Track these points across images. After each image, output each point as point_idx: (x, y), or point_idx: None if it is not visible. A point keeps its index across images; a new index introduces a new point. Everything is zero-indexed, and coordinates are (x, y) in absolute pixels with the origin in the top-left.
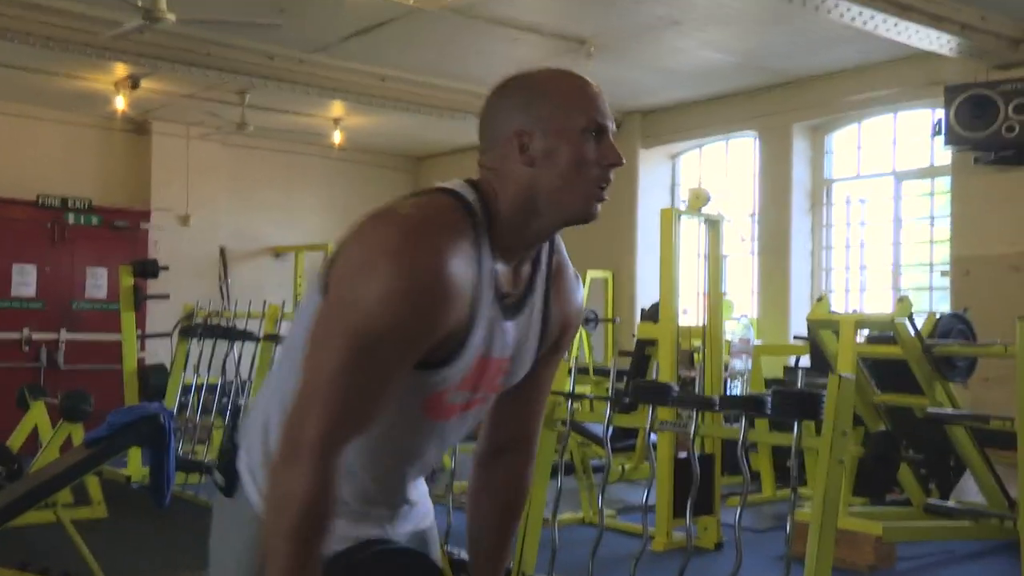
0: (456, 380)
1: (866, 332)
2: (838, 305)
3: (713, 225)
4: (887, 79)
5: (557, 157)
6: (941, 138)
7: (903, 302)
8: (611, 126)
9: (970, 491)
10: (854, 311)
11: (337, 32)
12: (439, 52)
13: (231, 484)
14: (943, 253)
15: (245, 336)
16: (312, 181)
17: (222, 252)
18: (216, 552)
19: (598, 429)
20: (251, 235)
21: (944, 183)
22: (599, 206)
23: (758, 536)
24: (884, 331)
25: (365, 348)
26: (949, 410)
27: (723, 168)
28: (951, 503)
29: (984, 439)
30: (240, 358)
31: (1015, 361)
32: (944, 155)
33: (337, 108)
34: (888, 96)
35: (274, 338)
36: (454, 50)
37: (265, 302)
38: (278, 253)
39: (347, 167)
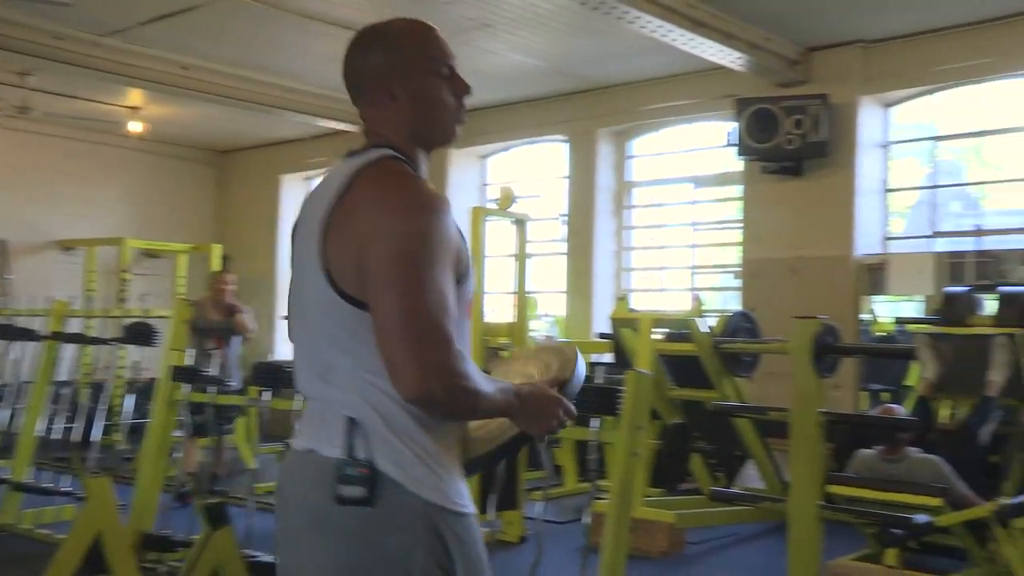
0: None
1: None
2: (640, 304)
3: (520, 225)
4: (686, 90)
5: (423, 96)
6: (734, 148)
7: (696, 302)
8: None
9: (753, 478)
10: (653, 310)
11: (134, 16)
12: (246, 44)
13: (372, 492)
14: (736, 256)
15: (26, 335)
16: (109, 172)
17: (2, 245)
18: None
19: None
20: (36, 227)
21: (738, 190)
22: (459, 128)
23: (561, 528)
24: (681, 329)
25: (441, 263)
26: (733, 403)
27: (534, 170)
28: (735, 489)
29: (766, 429)
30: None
31: (791, 357)
32: (738, 163)
33: (135, 96)
34: (687, 106)
35: (60, 336)
36: (261, 42)
37: (50, 298)
38: (67, 247)
39: (148, 158)
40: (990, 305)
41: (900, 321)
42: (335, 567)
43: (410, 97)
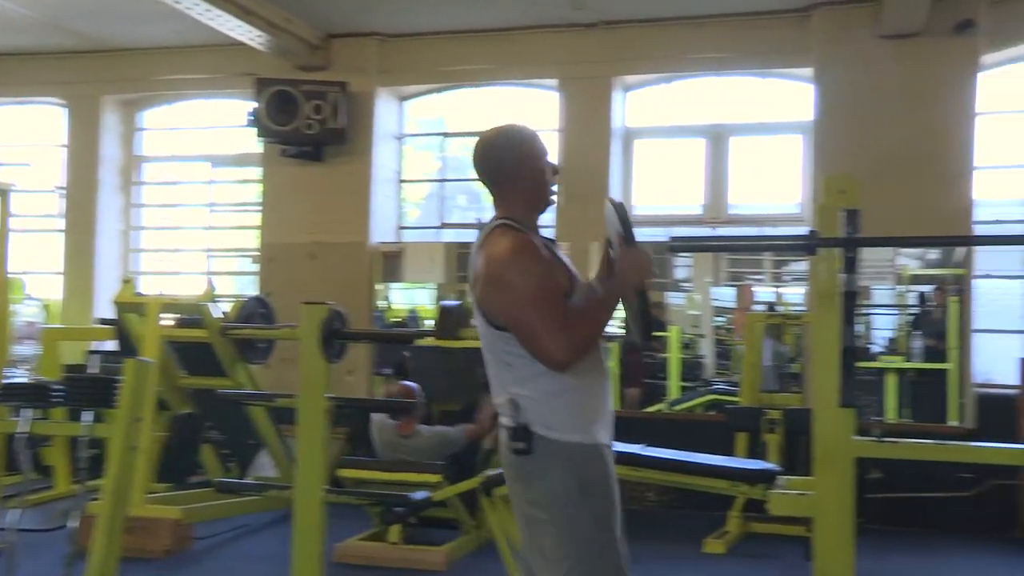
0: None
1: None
2: (151, 288)
3: (1, 195)
4: (204, 63)
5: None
6: (254, 128)
7: (208, 287)
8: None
9: (268, 466)
10: (162, 294)
11: None
12: None
13: (529, 444)
14: (255, 240)
15: None
16: None
17: None
18: (536, 491)
19: None
20: None
21: (257, 172)
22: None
23: (46, 537)
24: (192, 314)
25: (544, 286)
26: (243, 391)
27: (24, 135)
28: (248, 480)
29: (280, 416)
30: None
31: (299, 343)
32: (257, 145)
33: None
34: (205, 81)
35: None
36: None
37: None
38: None
39: None
40: None
41: (413, 310)
42: (524, 500)
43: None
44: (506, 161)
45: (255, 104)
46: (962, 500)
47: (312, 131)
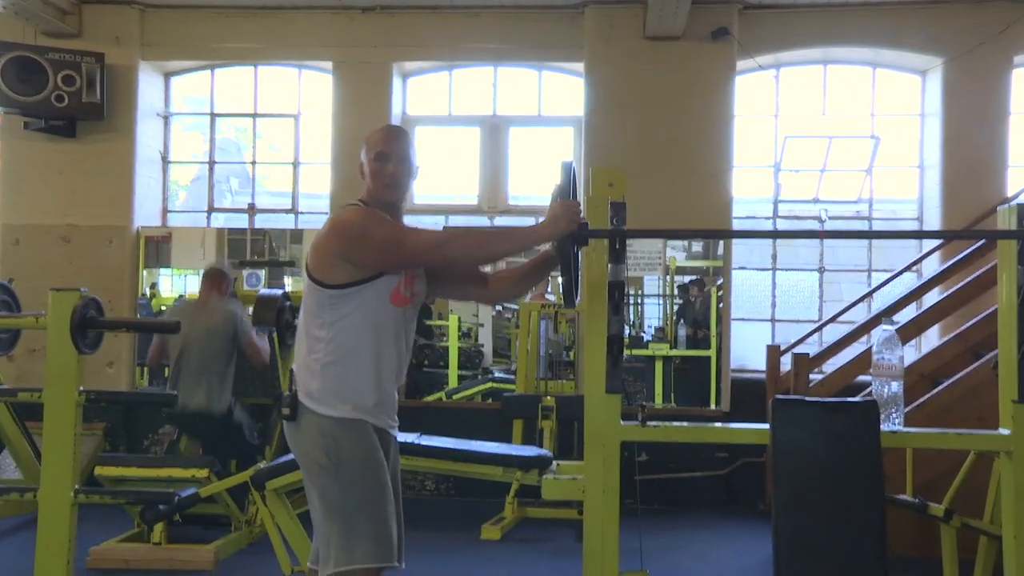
0: (401, 276)
1: None
2: None
3: None
4: None
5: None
6: None
7: None
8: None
9: (9, 468)
10: None
11: None
12: None
13: (294, 411)
14: None
15: None
16: None
17: None
18: (299, 454)
19: None
20: None
21: None
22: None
23: None
24: None
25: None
26: None
27: None
28: None
29: (28, 412)
30: None
31: (48, 332)
32: None
33: None
34: None
35: None
36: None
37: None
38: None
39: None
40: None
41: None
42: (296, 456)
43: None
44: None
45: None
46: (717, 478)
47: (63, 104)
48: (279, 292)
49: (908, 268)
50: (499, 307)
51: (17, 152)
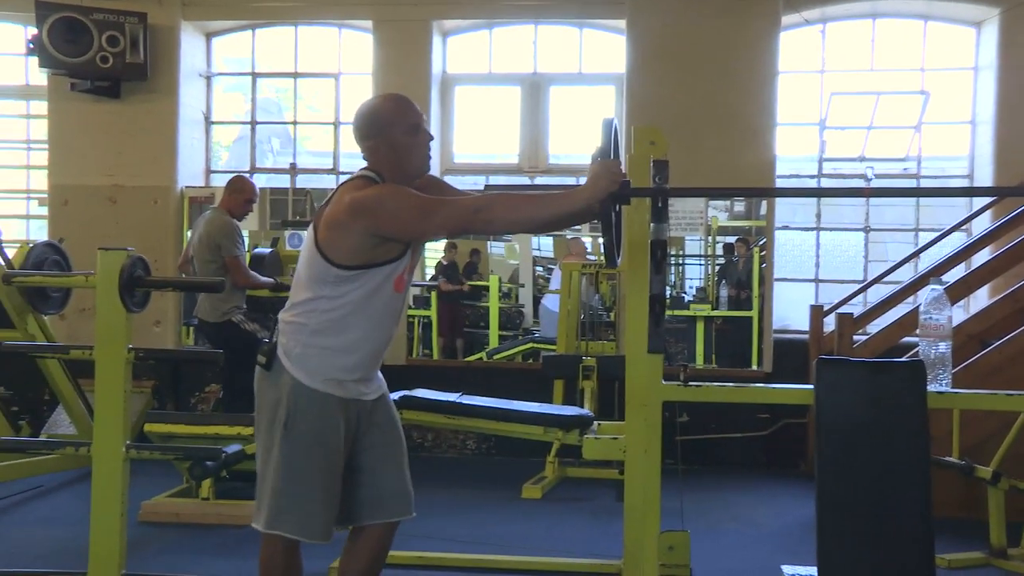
0: (407, 263)
1: None
2: None
3: None
4: None
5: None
6: (37, 58)
7: None
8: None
9: (64, 423)
10: None
11: None
12: None
13: (270, 362)
14: (42, 181)
15: None
16: None
17: None
18: (259, 401)
19: None
20: None
21: (42, 106)
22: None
23: None
24: None
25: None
26: (32, 343)
27: None
28: (42, 437)
29: (79, 370)
30: None
31: (97, 291)
32: (42, 76)
33: None
34: None
35: None
36: None
37: None
38: None
39: None
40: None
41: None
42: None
43: (391, 147)
44: (364, 127)
45: (36, 30)
46: (758, 439)
47: (108, 65)
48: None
49: (957, 227)
50: (539, 268)
51: (64, 114)
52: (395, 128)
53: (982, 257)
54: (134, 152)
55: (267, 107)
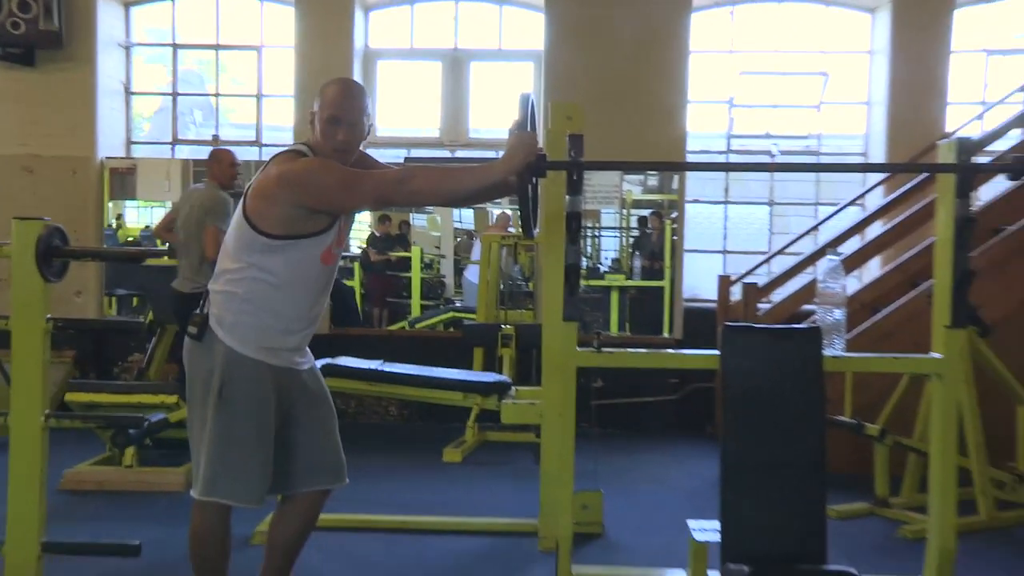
0: (335, 236)
1: None
2: None
3: None
4: None
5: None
6: None
7: None
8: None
9: None
10: None
11: None
12: None
13: (201, 332)
14: None
15: None
16: None
17: None
18: (192, 371)
19: None
20: None
21: None
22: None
23: None
24: None
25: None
26: None
27: None
28: None
29: None
30: None
31: (12, 261)
32: None
33: None
34: None
35: None
36: None
37: None
38: None
39: None
40: None
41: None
42: (188, 372)
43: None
44: (315, 99)
45: None
46: (669, 403)
47: (19, 32)
48: None
49: (853, 202)
50: (459, 239)
51: None
52: (323, 111)
53: (876, 230)
54: (50, 122)
55: (189, 79)
